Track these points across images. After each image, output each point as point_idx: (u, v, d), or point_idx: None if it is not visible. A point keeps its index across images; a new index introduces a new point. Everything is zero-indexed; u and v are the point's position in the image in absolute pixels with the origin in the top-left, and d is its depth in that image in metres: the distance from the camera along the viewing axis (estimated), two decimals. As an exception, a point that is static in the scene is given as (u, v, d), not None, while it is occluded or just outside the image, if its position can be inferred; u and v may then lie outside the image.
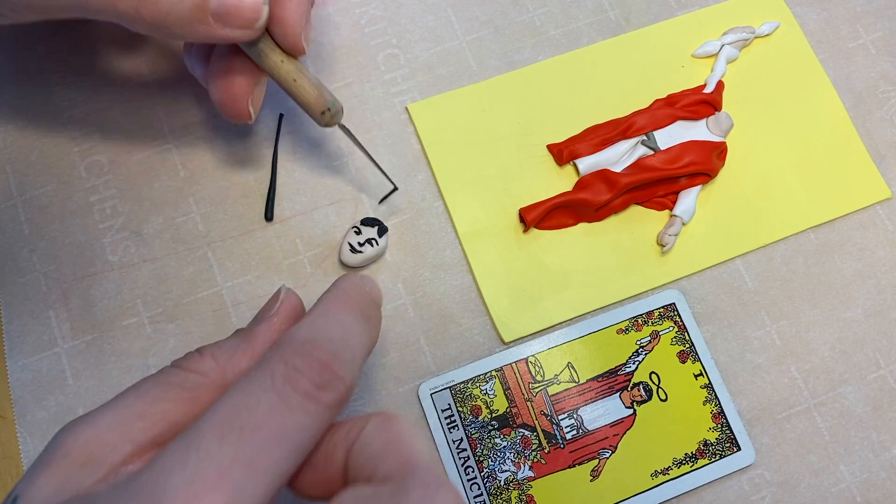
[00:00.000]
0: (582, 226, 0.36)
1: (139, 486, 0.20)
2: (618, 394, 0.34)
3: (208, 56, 0.31)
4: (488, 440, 0.32)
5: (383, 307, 0.34)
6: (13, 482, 0.31)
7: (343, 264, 0.34)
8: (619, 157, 0.36)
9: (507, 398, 0.33)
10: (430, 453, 0.23)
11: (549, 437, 0.33)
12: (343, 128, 0.32)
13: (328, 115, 0.31)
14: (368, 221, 0.34)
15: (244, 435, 0.20)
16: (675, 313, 0.35)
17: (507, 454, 0.32)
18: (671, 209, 0.36)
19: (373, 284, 0.27)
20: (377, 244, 0.34)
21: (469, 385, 0.33)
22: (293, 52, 0.30)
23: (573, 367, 0.34)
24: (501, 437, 0.33)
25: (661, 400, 0.34)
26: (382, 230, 0.34)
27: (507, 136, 0.37)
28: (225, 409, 0.21)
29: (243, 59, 0.30)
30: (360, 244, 0.34)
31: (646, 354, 0.34)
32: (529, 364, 0.34)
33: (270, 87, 0.37)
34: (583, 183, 0.35)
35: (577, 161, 0.36)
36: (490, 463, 0.32)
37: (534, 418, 0.33)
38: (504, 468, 0.32)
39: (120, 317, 0.33)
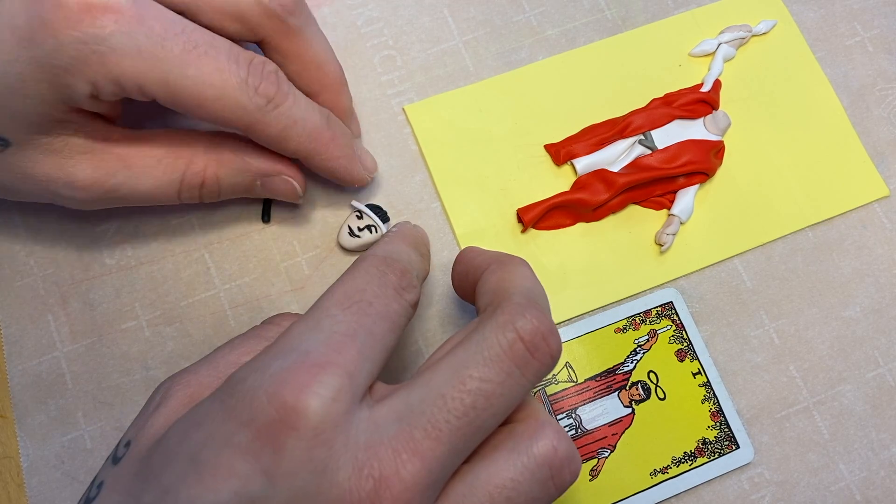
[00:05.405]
0: (580, 226, 0.36)
1: (279, 347, 0.22)
2: (616, 393, 0.34)
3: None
4: (487, 441, 0.32)
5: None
6: (13, 482, 0.31)
7: (340, 246, 0.34)
8: (617, 156, 0.36)
9: (506, 399, 0.33)
10: (535, 286, 0.26)
11: (548, 437, 0.33)
12: None
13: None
14: (373, 207, 0.34)
15: (362, 307, 0.24)
16: (673, 312, 0.35)
17: (506, 455, 0.32)
18: (669, 208, 0.36)
19: (423, 232, 0.32)
20: (377, 231, 0.34)
21: (468, 386, 0.33)
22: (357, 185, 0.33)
23: (571, 367, 0.34)
24: (500, 437, 0.33)
25: (660, 399, 0.34)
26: (385, 219, 0.34)
27: (504, 137, 0.37)
28: (341, 290, 0.24)
29: None
30: (360, 229, 0.33)
31: (644, 353, 0.34)
32: (528, 364, 0.33)
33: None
34: (580, 183, 0.35)
35: (575, 161, 0.36)
36: (489, 463, 0.32)
37: (532, 419, 0.33)
38: (503, 469, 0.32)
39: (118, 320, 0.33)
